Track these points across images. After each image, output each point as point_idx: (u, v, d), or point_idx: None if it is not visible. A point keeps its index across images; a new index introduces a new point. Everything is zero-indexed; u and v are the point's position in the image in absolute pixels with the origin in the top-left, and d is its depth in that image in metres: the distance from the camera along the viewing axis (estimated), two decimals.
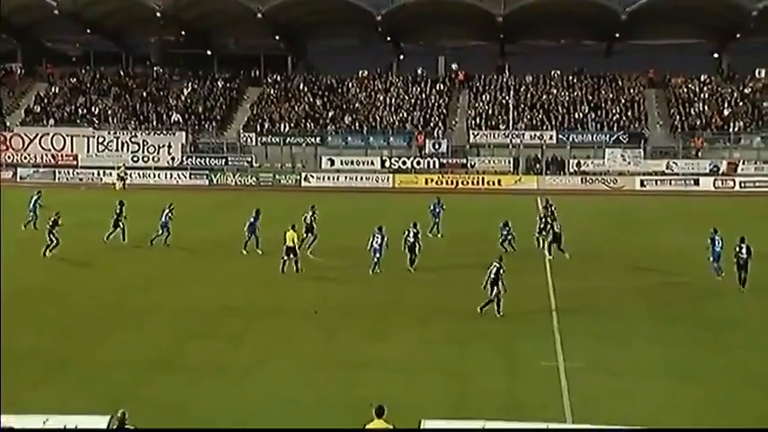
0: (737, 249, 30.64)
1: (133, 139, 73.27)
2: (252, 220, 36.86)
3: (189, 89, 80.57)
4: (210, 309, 27.53)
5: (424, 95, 78.21)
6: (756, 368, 22.02)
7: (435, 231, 41.21)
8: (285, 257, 32.88)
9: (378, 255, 33.01)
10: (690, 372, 21.58)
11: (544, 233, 37.16)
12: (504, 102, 74.63)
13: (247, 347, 23.52)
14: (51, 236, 35.31)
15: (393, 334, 24.90)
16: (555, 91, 77.12)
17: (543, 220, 38.11)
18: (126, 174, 67.52)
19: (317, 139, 73.44)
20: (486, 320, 26.36)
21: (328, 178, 69.65)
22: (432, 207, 42.07)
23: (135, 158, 72.49)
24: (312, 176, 69.73)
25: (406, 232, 33.97)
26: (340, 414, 18.28)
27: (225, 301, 28.60)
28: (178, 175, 70.70)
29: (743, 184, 65.92)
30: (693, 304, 28.56)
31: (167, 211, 38.69)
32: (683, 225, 44.41)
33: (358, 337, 24.54)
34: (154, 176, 70.38)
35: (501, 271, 26.69)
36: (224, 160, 72.30)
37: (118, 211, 38.94)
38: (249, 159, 72.22)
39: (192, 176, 70.28)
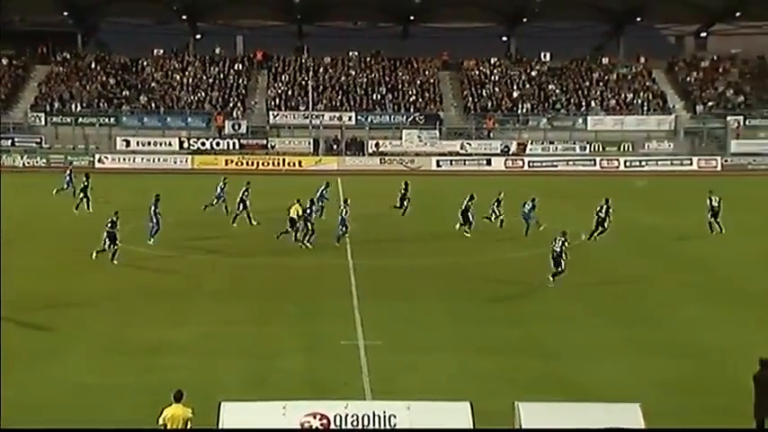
0: (604, 210, 35.48)
1: None
2: (242, 193, 38.53)
3: None
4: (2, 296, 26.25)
5: (222, 76, 77.24)
6: (543, 338, 23.21)
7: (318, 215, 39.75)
8: (289, 229, 34.34)
9: (343, 227, 34.58)
10: (482, 345, 22.45)
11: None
12: (303, 83, 74.81)
13: (40, 334, 22.71)
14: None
15: (193, 317, 24.63)
16: (353, 72, 77.99)
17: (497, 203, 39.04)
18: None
19: (112, 119, 71.24)
20: (286, 301, 26.53)
21: (124, 159, 67.66)
22: (320, 192, 41.20)
23: None
24: (107, 158, 67.55)
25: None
26: (138, 399, 17.93)
27: (18, 287, 27.28)
28: None
29: (531, 164, 68.97)
30: (488, 281, 29.55)
31: (222, 184, 41.12)
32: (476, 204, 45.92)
33: (157, 321, 24.15)
34: None
35: (565, 244, 27.98)
36: (10, 141, 68.81)
37: (84, 183, 42.52)
38: (38, 140, 69.15)
39: None
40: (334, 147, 70.71)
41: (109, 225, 31.19)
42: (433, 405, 15.86)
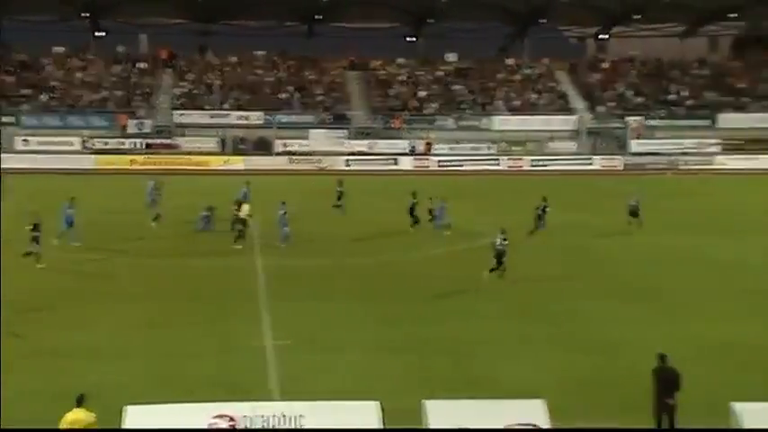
0: (541, 209, 37.70)
1: None
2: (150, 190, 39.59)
3: None
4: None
5: (125, 74, 75.91)
6: (456, 337, 23.36)
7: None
8: (241, 228, 34.80)
9: (285, 229, 35.01)
10: (395, 344, 22.56)
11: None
12: (208, 82, 74.02)
13: None
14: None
15: (100, 319, 24.24)
16: (260, 72, 77.51)
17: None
18: None
19: (11, 118, 69.28)
20: (196, 302, 26.28)
21: (24, 160, 65.76)
22: (244, 192, 40.99)
23: None
24: (5, 158, 65.51)
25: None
26: (42, 404, 17.49)
27: None
28: None
29: (439, 163, 69.52)
30: (402, 280, 29.73)
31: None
32: (388, 203, 46.16)
33: (65, 323, 23.73)
34: None
35: (505, 241, 28.96)
36: None
37: None
38: None
39: None
40: (241, 146, 70.13)
41: (31, 227, 30.42)
42: (341, 405, 15.87)
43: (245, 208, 35.43)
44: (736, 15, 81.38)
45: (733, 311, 25.99)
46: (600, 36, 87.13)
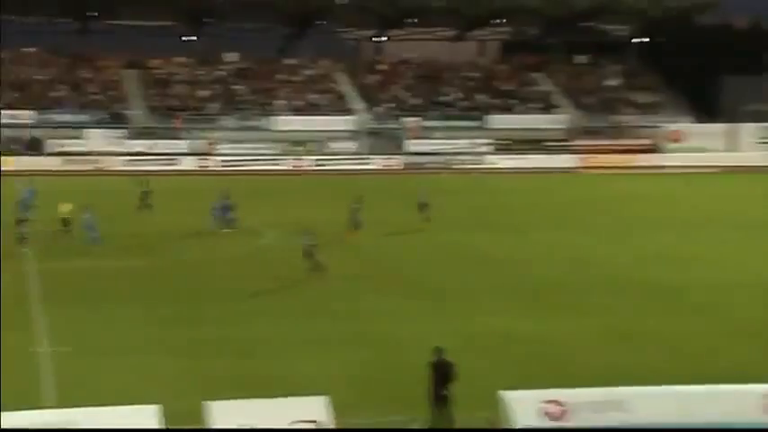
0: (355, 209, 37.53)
1: None
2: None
3: None
4: None
5: None
6: (239, 337, 23.49)
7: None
8: (62, 227, 35.39)
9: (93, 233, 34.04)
10: (176, 346, 22.47)
11: None
12: None
13: None
14: None
15: None
16: (30, 69, 74.29)
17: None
18: None
19: None
20: None
21: None
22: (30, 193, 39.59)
23: None
24: None
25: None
26: None
27: None
28: None
29: (222, 163, 68.92)
30: (187, 281, 29.64)
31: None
32: (172, 204, 45.50)
33: None
34: None
35: (312, 241, 29.79)
36: None
37: None
38: None
39: None
40: (12, 146, 66.83)
41: None
42: (120, 410, 15.65)
43: (67, 207, 34.57)
44: (504, 21, 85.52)
45: (509, 306, 27.23)
46: (376, 38, 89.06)
